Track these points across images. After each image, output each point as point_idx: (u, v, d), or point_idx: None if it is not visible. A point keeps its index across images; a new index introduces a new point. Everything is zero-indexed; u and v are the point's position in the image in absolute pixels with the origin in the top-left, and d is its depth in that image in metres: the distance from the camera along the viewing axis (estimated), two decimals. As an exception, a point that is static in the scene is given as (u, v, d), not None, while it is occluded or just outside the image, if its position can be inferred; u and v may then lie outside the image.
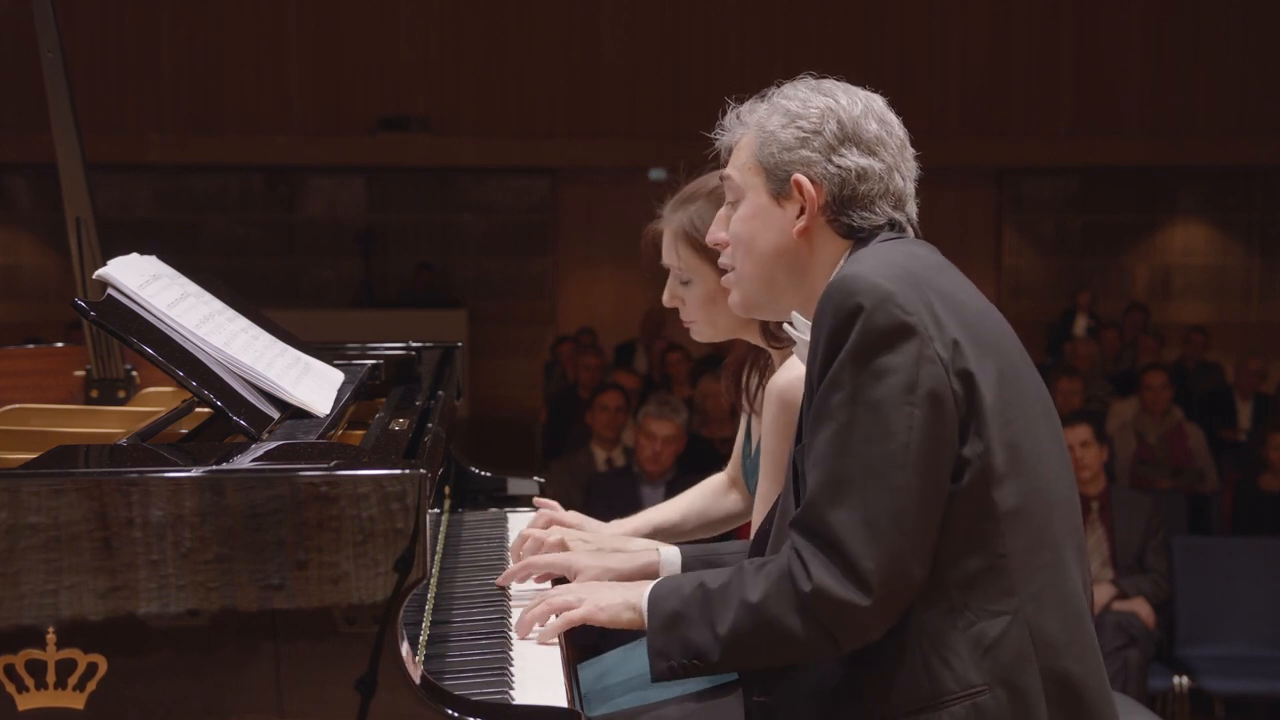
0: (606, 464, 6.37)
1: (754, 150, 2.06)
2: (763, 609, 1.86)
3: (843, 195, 2.01)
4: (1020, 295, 14.19)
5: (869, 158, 2.01)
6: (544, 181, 14.03)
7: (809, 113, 2.03)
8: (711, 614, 1.91)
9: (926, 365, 1.82)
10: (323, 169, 13.80)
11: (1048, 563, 1.88)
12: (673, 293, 2.60)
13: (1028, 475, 1.87)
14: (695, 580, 1.97)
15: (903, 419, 1.81)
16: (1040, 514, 1.88)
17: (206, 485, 1.72)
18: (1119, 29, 13.50)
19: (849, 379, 1.83)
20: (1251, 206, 14.17)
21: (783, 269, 2.06)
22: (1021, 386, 1.92)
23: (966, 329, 1.87)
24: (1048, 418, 1.95)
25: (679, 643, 1.93)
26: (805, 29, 13.20)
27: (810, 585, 1.82)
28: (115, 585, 1.70)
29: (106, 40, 12.92)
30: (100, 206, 2.80)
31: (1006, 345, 1.94)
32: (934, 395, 1.82)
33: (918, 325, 1.83)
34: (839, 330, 1.85)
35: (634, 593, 2.05)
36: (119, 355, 2.93)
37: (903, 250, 1.97)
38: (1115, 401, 8.68)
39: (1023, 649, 1.84)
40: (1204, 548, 5.82)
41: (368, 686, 1.72)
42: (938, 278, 1.93)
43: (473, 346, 12.93)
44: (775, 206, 2.04)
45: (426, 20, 13.39)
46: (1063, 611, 1.88)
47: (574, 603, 2.09)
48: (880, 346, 1.82)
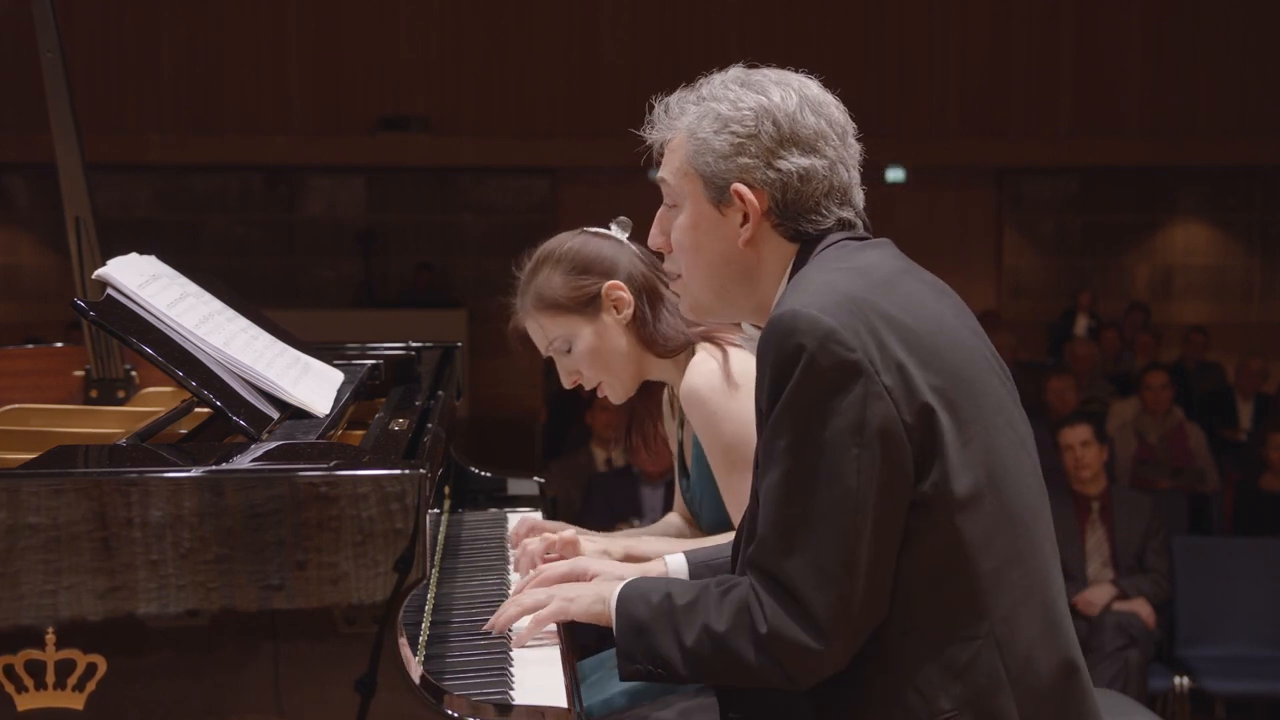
0: (606, 464, 6.37)
1: (687, 157, 1.98)
2: (724, 640, 1.85)
3: (786, 200, 1.94)
4: (1020, 295, 14.19)
5: (810, 156, 1.94)
6: (544, 181, 14.02)
7: (742, 116, 1.94)
8: (678, 630, 1.89)
9: (874, 403, 1.77)
10: (323, 169, 13.79)
11: (1018, 581, 1.84)
12: (566, 370, 2.58)
13: (993, 495, 1.83)
14: (664, 590, 1.95)
15: (850, 461, 1.77)
16: (1007, 533, 1.84)
17: (206, 485, 1.71)
18: (1119, 29, 13.49)
19: (793, 424, 1.79)
20: (1252, 206, 14.15)
21: (732, 277, 2.00)
22: (981, 401, 1.86)
23: (916, 352, 1.81)
24: (1011, 426, 1.90)
25: (644, 649, 1.93)
26: (805, 29, 13.19)
27: (766, 628, 1.81)
28: (114, 585, 1.70)
29: (106, 40, 12.91)
30: (100, 206, 2.80)
31: (965, 358, 1.87)
32: (883, 432, 1.77)
33: (862, 361, 1.77)
34: (781, 373, 1.80)
35: (605, 588, 2.04)
36: (118, 355, 2.93)
37: (848, 266, 1.89)
38: (1116, 401, 8.68)
39: (994, 672, 1.81)
40: (1204, 548, 5.81)
41: (367, 687, 1.72)
42: (886, 296, 1.85)
43: (473, 346, 12.91)
44: (717, 214, 1.98)
45: (426, 20, 13.38)
46: (1035, 628, 1.85)
47: (544, 601, 2.08)
48: (824, 389, 1.77)
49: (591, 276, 2.52)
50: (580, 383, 2.58)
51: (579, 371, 2.56)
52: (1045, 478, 2.00)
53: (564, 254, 2.55)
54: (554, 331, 2.53)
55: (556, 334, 2.53)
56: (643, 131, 2.07)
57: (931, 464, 1.80)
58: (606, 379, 2.55)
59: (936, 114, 13.40)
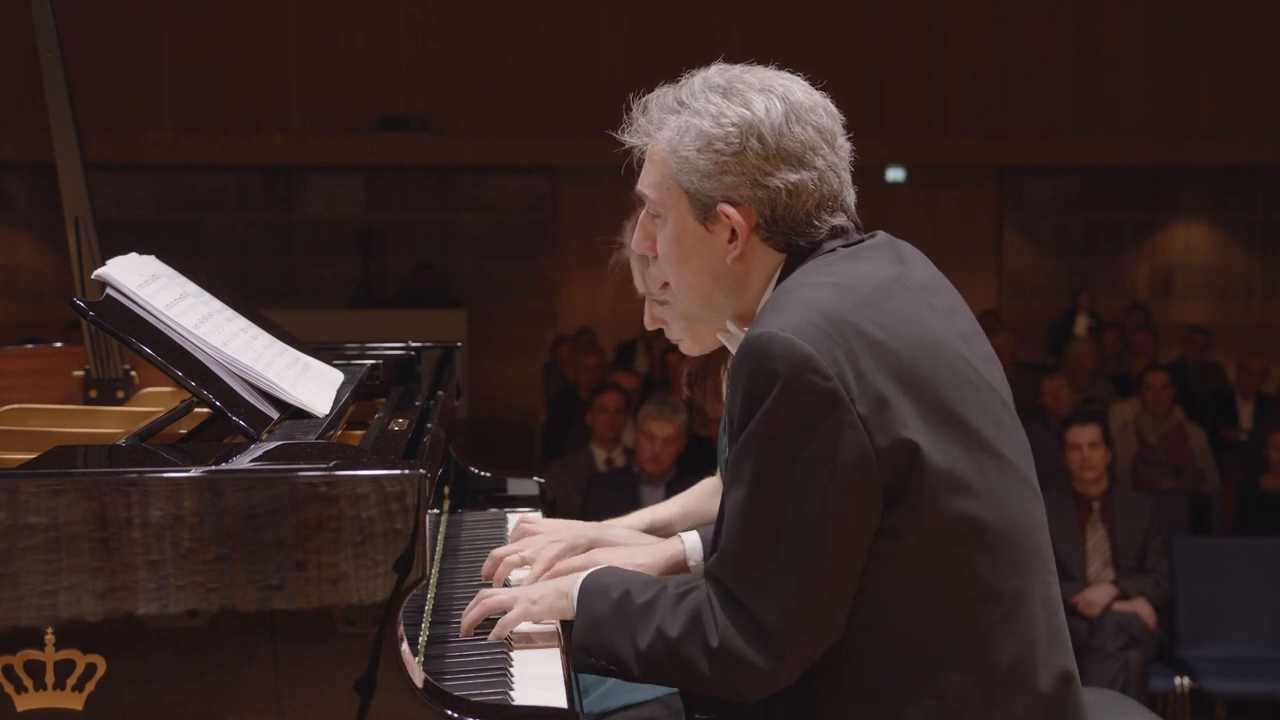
0: (606, 464, 6.36)
1: (670, 173, 1.92)
2: (675, 646, 1.84)
3: (775, 215, 1.89)
4: (1021, 295, 14.19)
5: (799, 170, 1.87)
6: (544, 181, 14.02)
7: (726, 133, 1.87)
8: (632, 631, 1.89)
9: (846, 432, 1.73)
10: (322, 168, 13.79)
11: (1005, 600, 1.82)
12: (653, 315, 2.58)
13: (977, 518, 1.79)
14: (623, 587, 1.94)
15: (817, 491, 1.74)
16: (992, 554, 1.81)
17: (205, 486, 1.71)
18: (1120, 28, 13.49)
19: (764, 449, 1.76)
20: (1253, 206, 14.15)
21: (720, 289, 1.97)
22: (966, 420, 1.81)
23: (898, 376, 1.77)
24: (1002, 434, 1.86)
25: (600, 646, 1.93)
26: (805, 29, 13.19)
27: (718, 641, 1.80)
28: (114, 586, 1.69)
29: (105, 39, 12.91)
30: (99, 206, 2.79)
31: (945, 380, 1.81)
32: (853, 463, 1.74)
33: (837, 390, 1.73)
34: (754, 397, 1.77)
35: (566, 581, 2.04)
36: (117, 355, 2.92)
37: (833, 281, 1.83)
38: (1116, 402, 8.67)
39: (969, 694, 1.80)
40: (1205, 548, 5.81)
41: (367, 687, 1.72)
42: (869, 315, 1.80)
43: (472, 346, 12.92)
44: (703, 230, 1.92)
45: (426, 19, 13.38)
46: (1018, 649, 1.82)
47: (508, 602, 2.08)
48: (796, 418, 1.74)
49: None
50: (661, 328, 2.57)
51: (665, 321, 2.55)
52: (1044, 479, 1.98)
53: None
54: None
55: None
56: (620, 133, 2.00)
57: (905, 491, 1.77)
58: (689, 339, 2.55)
59: (937, 113, 13.39)
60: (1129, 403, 8.33)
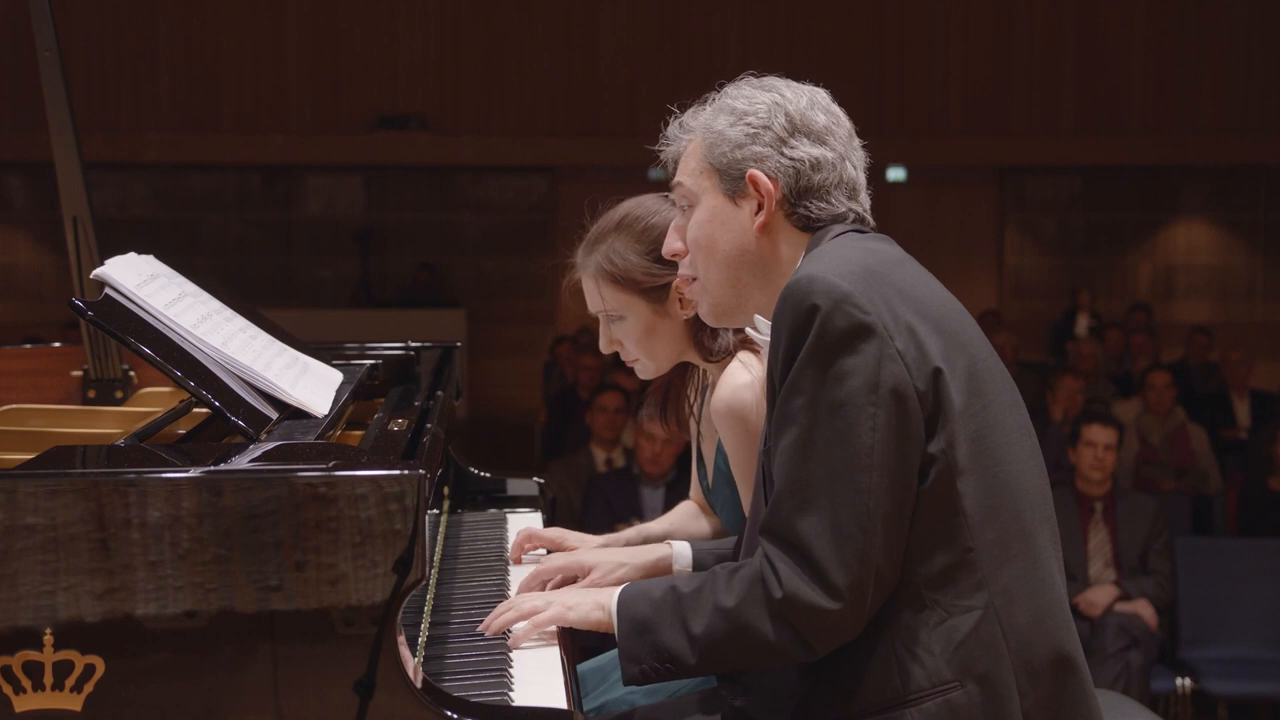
0: (606, 465, 6.36)
1: (703, 154, 2.05)
2: (737, 614, 1.86)
3: (799, 187, 2.01)
4: (1022, 294, 14.19)
5: (820, 147, 2.01)
6: (543, 181, 14.02)
7: (756, 109, 2.02)
8: (685, 618, 1.90)
9: (887, 364, 1.81)
10: (321, 168, 13.79)
11: (1019, 554, 1.87)
12: (609, 337, 2.56)
13: (995, 468, 1.87)
14: (666, 584, 1.96)
15: (866, 420, 1.80)
16: (1009, 505, 1.87)
17: (204, 486, 1.70)
18: (1122, 27, 13.49)
19: (809, 383, 1.82)
20: (1255, 205, 14.15)
21: (747, 269, 2.05)
22: (987, 379, 1.91)
23: (929, 323, 1.87)
24: (1015, 409, 1.95)
25: (650, 647, 1.93)
26: (805, 29, 13.20)
27: (782, 592, 1.82)
28: (113, 586, 1.69)
29: (103, 38, 12.91)
30: (97, 205, 2.79)
31: (971, 338, 1.93)
32: (896, 393, 1.81)
33: (876, 324, 1.82)
34: (797, 333, 1.84)
35: (604, 594, 2.05)
36: (116, 355, 2.92)
37: (860, 246, 1.95)
38: (1118, 402, 8.66)
39: (994, 643, 1.83)
40: (1207, 549, 5.80)
41: (366, 688, 1.71)
42: (897, 273, 1.92)
43: (472, 346, 12.92)
44: (732, 206, 2.04)
45: (425, 19, 13.38)
46: (1035, 602, 1.87)
47: (541, 606, 2.09)
48: (839, 348, 1.81)
49: (669, 269, 2.35)
50: (618, 351, 2.56)
51: (621, 343, 2.53)
52: (1049, 478, 2.01)
53: (647, 230, 2.45)
54: (612, 302, 2.49)
55: (614, 305, 2.50)
56: (658, 147, 2.14)
57: (940, 431, 1.83)
58: (645, 360, 2.53)
59: (937, 113, 13.40)
60: (1131, 403, 8.32)
